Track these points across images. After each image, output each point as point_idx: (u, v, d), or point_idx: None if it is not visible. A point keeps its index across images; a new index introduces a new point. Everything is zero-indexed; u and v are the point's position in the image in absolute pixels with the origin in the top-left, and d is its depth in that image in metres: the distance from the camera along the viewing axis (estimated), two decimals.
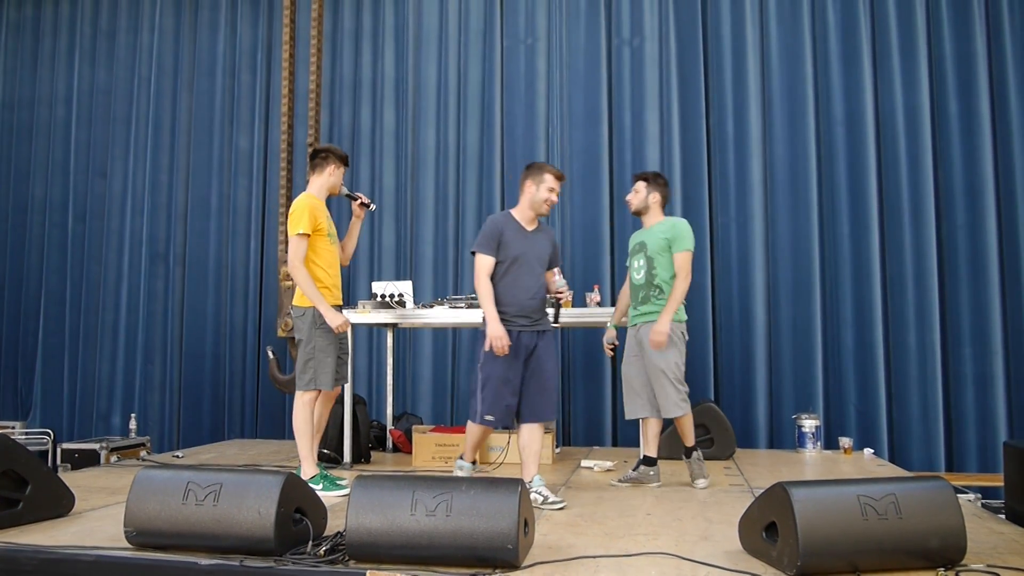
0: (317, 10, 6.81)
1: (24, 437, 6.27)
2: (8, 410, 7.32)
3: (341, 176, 4.28)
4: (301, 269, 4.00)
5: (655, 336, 4.10)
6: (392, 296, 5.24)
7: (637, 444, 4.52)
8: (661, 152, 6.14)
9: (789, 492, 2.56)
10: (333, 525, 3.04)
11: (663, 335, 4.09)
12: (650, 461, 4.32)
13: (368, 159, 6.76)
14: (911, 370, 5.63)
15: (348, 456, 4.98)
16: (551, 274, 4.06)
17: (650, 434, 4.33)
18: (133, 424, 6.48)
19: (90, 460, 5.66)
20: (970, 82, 5.71)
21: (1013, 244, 5.58)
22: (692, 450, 4.29)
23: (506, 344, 3.75)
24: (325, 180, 4.22)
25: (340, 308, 4.25)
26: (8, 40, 7.72)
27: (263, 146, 6.98)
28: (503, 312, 3.85)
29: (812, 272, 5.84)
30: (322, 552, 2.72)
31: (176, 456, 5.47)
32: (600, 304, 5.19)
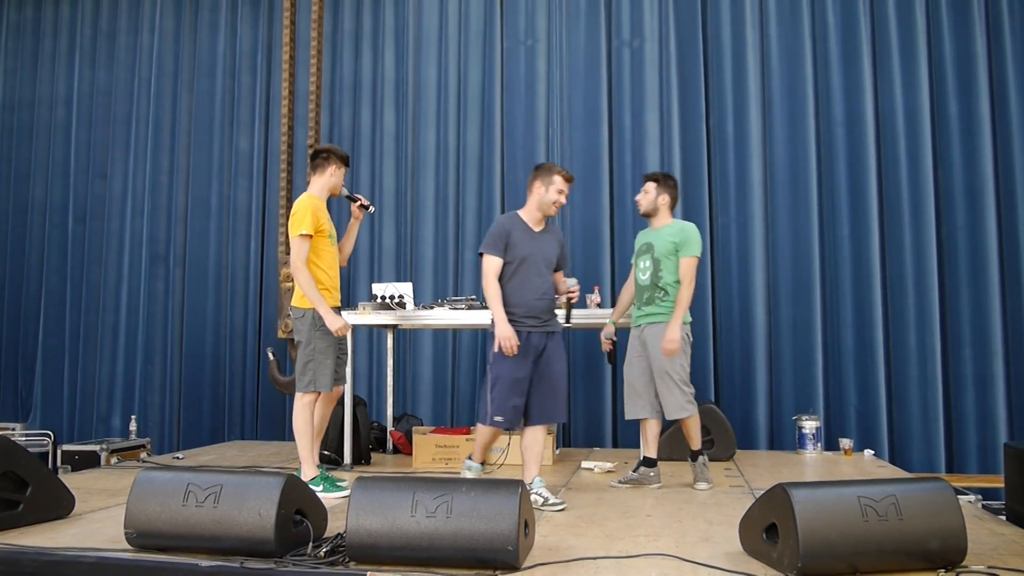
0: (317, 11, 6.81)
1: (24, 439, 6.26)
2: (8, 411, 7.32)
3: (342, 177, 4.27)
4: (304, 270, 3.98)
5: (667, 345, 4.12)
6: (392, 297, 5.24)
7: (637, 445, 4.52)
8: (661, 153, 6.14)
9: (789, 493, 2.56)
10: (333, 527, 3.04)
11: (675, 343, 4.11)
12: (650, 462, 4.32)
13: (368, 160, 6.76)
14: (911, 371, 5.63)
15: (348, 457, 4.98)
16: (559, 275, 4.06)
17: (650, 435, 4.33)
18: (133, 425, 6.48)
19: (90, 462, 5.66)
20: (970, 83, 5.71)
21: (1013, 245, 5.58)
22: (698, 454, 4.29)
23: (515, 344, 3.74)
24: (326, 181, 4.21)
25: (339, 309, 4.25)
26: (8, 41, 7.72)
27: (263, 147, 6.98)
28: (512, 313, 3.83)
29: (812, 273, 5.84)
30: (322, 553, 2.72)
31: (176, 458, 5.48)
32: (600, 305, 5.19)
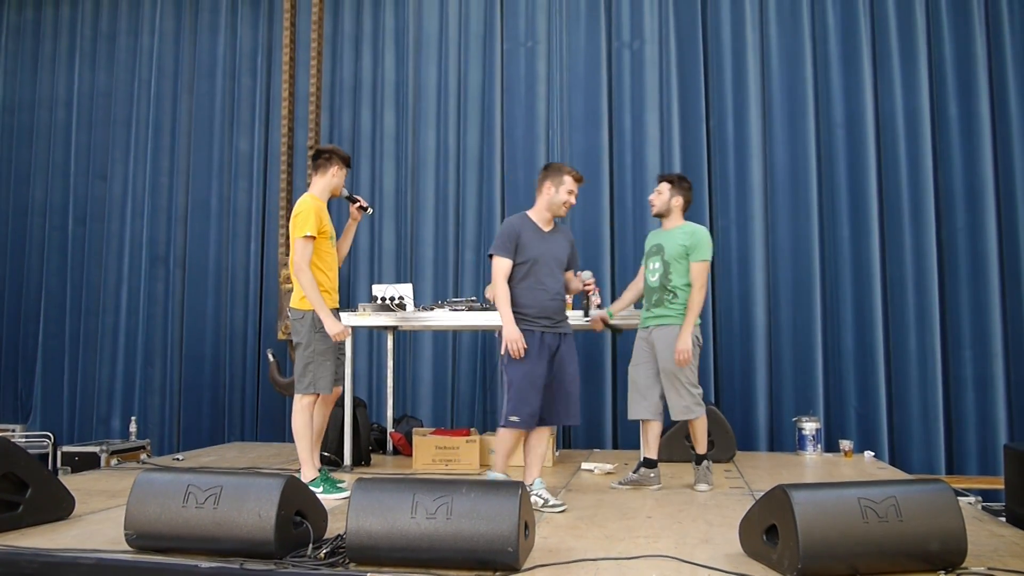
0: (317, 13, 6.82)
1: (24, 440, 6.26)
2: (8, 413, 7.31)
3: (343, 177, 4.26)
4: (307, 273, 3.96)
5: (679, 356, 4.12)
6: (392, 299, 5.24)
7: (637, 447, 4.52)
8: (661, 154, 6.15)
9: (789, 495, 2.56)
10: (333, 528, 3.03)
11: (687, 352, 4.12)
12: (651, 463, 4.32)
13: (368, 162, 6.76)
14: (911, 372, 5.63)
15: (348, 459, 4.98)
16: (569, 274, 4.04)
17: (651, 436, 4.33)
18: (133, 427, 6.48)
19: (90, 463, 5.65)
20: (970, 84, 5.71)
21: (1013, 246, 5.58)
22: (703, 458, 4.29)
23: (522, 347, 3.70)
24: (328, 181, 4.20)
25: (337, 311, 4.24)
26: (8, 43, 7.72)
27: (263, 149, 6.98)
28: (525, 314, 3.80)
29: (812, 274, 5.84)
30: (322, 555, 2.72)
31: (176, 459, 5.47)
32: (600, 306, 5.18)
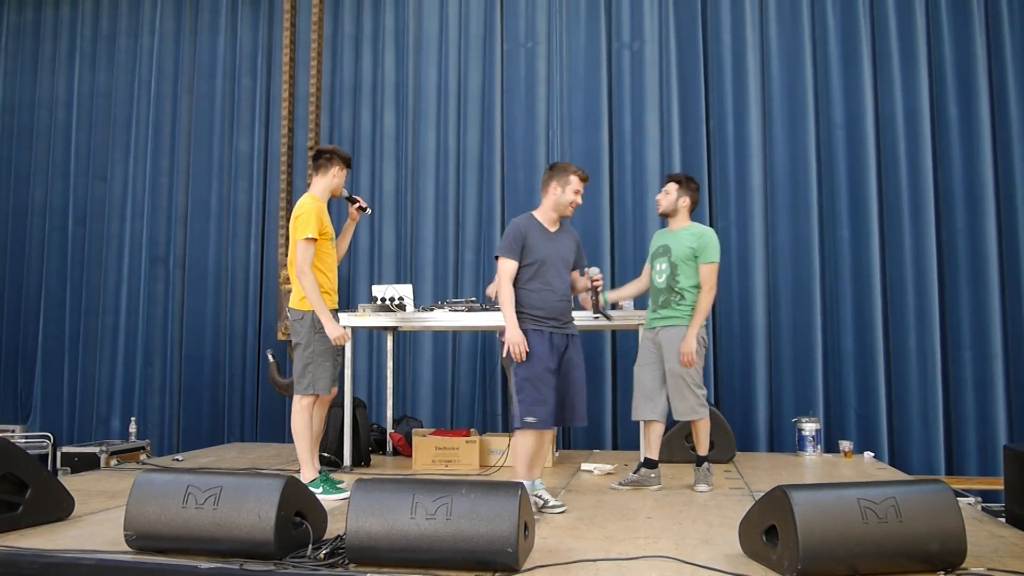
0: (317, 14, 6.82)
1: (24, 440, 6.27)
2: (8, 413, 7.31)
3: (344, 178, 4.25)
4: (309, 274, 3.95)
5: (684, 357, 4.13)
6: (392, 299, 5.24)
7: (637, 447, 4.52)
8: (661, 155, 6.15)
9: (789, 495, 2.56)
10: (333, 529, 3.03)
11: (691, 354, 4.13)
12: (651, 464, 4.32)
13: (368, 162, 6.76)
14: (911, 373, 5.64)
15: (348, 459, 4.97)
16: (575, 274, 4.03)
17: (653, 437, 4.32)
18: (133, 427, 6.48)
19: (90, 464, 5.65)
20: (970, 85, 5.72)
21: (1013, 247, 5.58)
22: (704, 459, 4.29)
23: (524, 350, 3.69)
24: (328, 181, 4.20)
25: (336, 311, 4.24)
26: (8, 43, 7.72)
27: (263, 149, 6.98)
28: (533, 315, 3.78)
29: (812, 275, 5.84)
30: (322, 556, 2.71)
31: (176, 459, 5.47)
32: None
